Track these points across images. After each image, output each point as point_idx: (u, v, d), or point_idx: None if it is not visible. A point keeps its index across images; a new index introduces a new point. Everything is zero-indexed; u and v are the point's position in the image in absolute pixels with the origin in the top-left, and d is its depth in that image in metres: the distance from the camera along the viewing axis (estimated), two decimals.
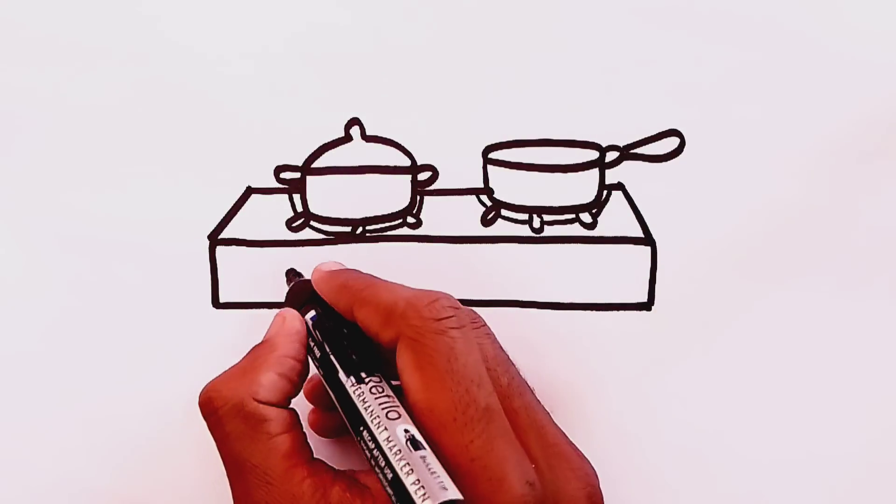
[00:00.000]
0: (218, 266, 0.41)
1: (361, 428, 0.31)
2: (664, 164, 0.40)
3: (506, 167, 0.40)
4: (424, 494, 0.28)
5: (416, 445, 0.30)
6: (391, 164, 0.40)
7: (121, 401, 0.41)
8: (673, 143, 0.40)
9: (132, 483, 0.41)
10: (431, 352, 0.31)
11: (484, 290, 0.40)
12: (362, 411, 0.32)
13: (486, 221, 0.41)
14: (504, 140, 0.40)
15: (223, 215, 0.40)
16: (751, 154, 0.40)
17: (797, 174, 0.40)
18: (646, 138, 0.40)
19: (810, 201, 0.40)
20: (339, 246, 0.41)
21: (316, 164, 0.40)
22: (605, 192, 0.41)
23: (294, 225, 0.41)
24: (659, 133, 0.40)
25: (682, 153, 0.40)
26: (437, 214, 0.41)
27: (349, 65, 0.40)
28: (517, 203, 0.41)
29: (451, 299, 0.33)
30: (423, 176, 0.40)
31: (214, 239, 0.40)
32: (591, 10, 0.39)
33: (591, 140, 0.40)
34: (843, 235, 0.40)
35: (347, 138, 0.40)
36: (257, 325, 0.40)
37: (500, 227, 0.41)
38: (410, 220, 0.41)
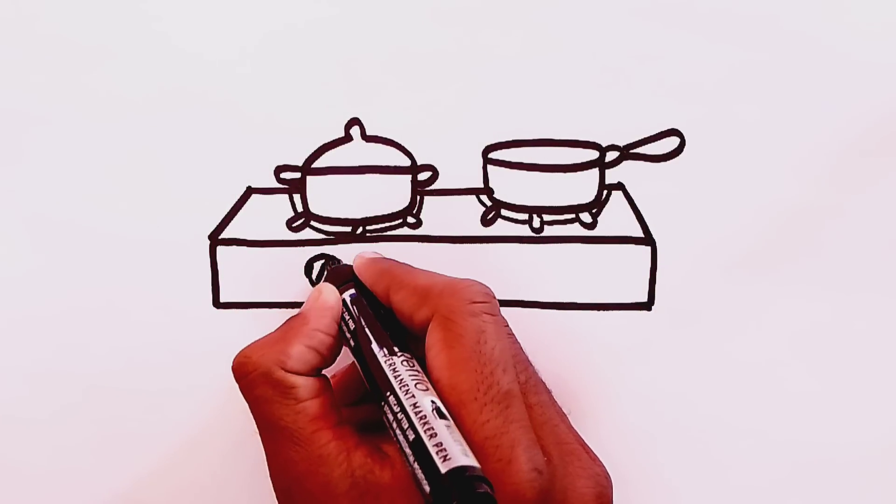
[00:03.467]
0: (218, 266, 0.41)
1: (388, 394, 0.32)
2: (664, 163, 0.40)
3: (506, 167, 0.40)
4: (446, 456, 0.29)
5: (441, 415, 0.30)
6: (391, 164, 0.40)
7: (121, 400, 0.41)
8: (673, 142, 0.40)
9: (132, 481, 0.41)
10: (462, 331, 0.32)
11: None
12: (391, 378, 0.32)
13: (486, 221, 0.41)
14: (504, 140, 0.40)
15: (223, 215, 0.40)
16: (751, 154, 0.40)
17: (798, 174, 0.40)
18: (646, 138, 0.40)
19: (811, 201, 0.40)
20: (340, 246, 0.41)
21: (316, 164, 0.40)
22: (605, 192, 0.41)
23: (294, 225, 0.41)
24: (659, 133, 0.40)
25: (682, 153, 0.40)
26: (437, 214, 0.41)
27: (349, 65, 0.40)
28: (517, 203, 0.41)
29: (488, 288, 0.34)
30: (423, 176, 0.40)
31: (215, 239, 0.41)
32: (592, 9, 0.39)
33: (591, 140, 0.40)
34: (844, 235, 0.40)
35: (347, 138, 0.40)
36: (258, 324, 0.41)
37: (500, 227, 0.41)
38: (410, 220, 0.41)
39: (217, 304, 0.41)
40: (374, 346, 0.34)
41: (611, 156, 0.40)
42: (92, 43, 0.39)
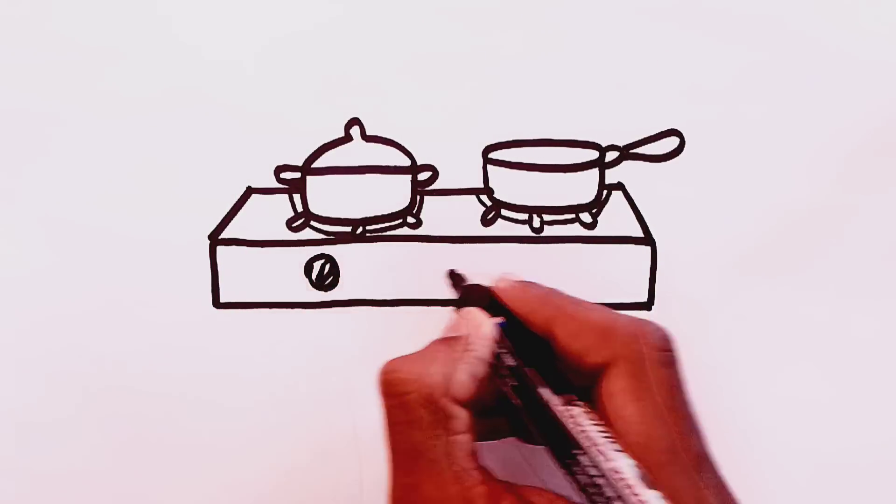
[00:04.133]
0: (218, 266, 0.41)
1: (576, 452, 0.29)
2: (664, 164, 0.40)
3: (506, 167, 0.40)
4: None
5: (648, 485, 0.28)
6: (391, 164, 0.40)
7: (121, 400, 0.41)
8: (673, 143, 0.40)
9: (130, 482, 0.41)
10: (653, 383, 0.30)
11: None
12: (577, 435, 0.30)
13: (486, 221, 0.41)
14: (504, 140, 0.40)
15: (223, 215, 0.40)
16: (751, 154, 0.40)
17: (797, 174, 0.40)
18: (646, 138, 0.40)
19: (810, 201, 0.40)
20: (340, 246, 0.41)
21: (316, 164, 0.40)
22: (604, 192, 0.41)
23: (294, 225, 0.41)
24: (659, 133, 0.40)
25: (682, 153, 0.40)
26: (437, 214, 0.41)
27: (349, 65, 0.40)
28: (517, 203, 0.41)
29: (668, 331, 0.32)
30: (423, 176, 0.40)
31: (215, 239, 0.41)
32: (592, 10, 0.39)
33: (591, 140, 0.40)
34: (843, 235, 0.40)
35: (347, 138, 0.40)
36: (257, 325, 0.41)
37: (500, 227, 0.41)
38: (410, 220, 0.41)
39: (217, 304, 0.41)
40: (545, 391, 0.31)
41: (611, 156, 0.40)
42: (92, 44, 0.39)
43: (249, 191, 0.40)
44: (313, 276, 0.41)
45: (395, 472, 0.31)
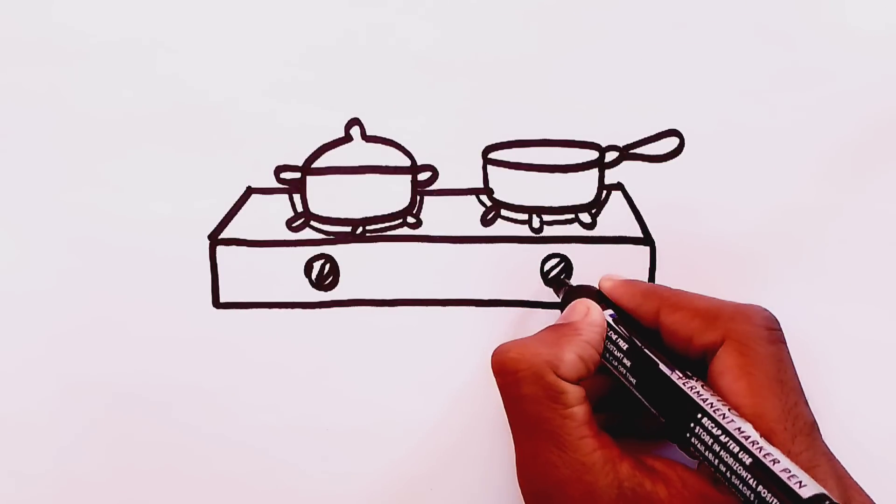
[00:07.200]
0: (218, 266, 0.41)
1: (701, 416, 0.31)
2: (664, 164, 0.40)
3: (505, 167, 0.40)
4: (801, 483, 0.28)
5: (771, 443, 0.30)
6: (391, 164, 0.40)
7: (122, 400, 0.41)
8: (672, 143, 0.40)
9: (130, 482, 0.41)
10: (760, 359, 0.32)
11: (484, 290, 0.41)
12: (699, 402, 0.32)
13: (485, 221, 0.41)
14: (504, 140, 0.40)
15: (223, 215, 0.40)
16: (750, 154, 0.40)
17: (797, 174, 0.40)
18: (645, 138, 0.40)
19: (810, 201, 0.40)
20: (339, 246, 0.41)
21: (316, 164, 0.40)
22: (604, 192, 0.41)
23: (294, 225, 0.41)
24: (659, 133, 0.40)
25: (682, 153, 0.40)
26: (437, 214, 0.41)
27: (349, 65, 0.40)
28: (517, 203, 0.41)
29: (773, 314, 0.34)
30: (423, 176, 0.41)
31: (214, 239, 0.40)
32: (591, 10, 0.39)
33: (590, 140, 0.40)
34: (842, 236, 0.40)
35: (347, 138, 0.40)
36: (257, 325, 0.41)
37: (500, 227, 0.41)
38: (410, 220, 0.41)
39: (217, 304, 0.41)
40: (663, 367, 0.33)
41: (610, 156, 0.40)
42: (91, 42, 0.39)
43: (249, 191, 0.40)
44: (313, 276, 0.41)
45: (517, 442, 0.34)
